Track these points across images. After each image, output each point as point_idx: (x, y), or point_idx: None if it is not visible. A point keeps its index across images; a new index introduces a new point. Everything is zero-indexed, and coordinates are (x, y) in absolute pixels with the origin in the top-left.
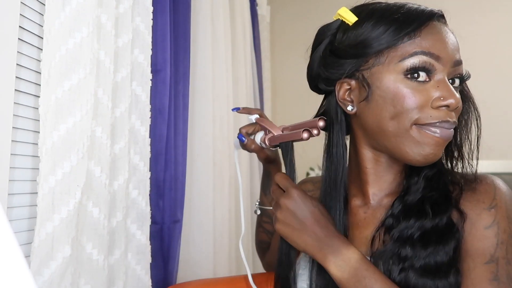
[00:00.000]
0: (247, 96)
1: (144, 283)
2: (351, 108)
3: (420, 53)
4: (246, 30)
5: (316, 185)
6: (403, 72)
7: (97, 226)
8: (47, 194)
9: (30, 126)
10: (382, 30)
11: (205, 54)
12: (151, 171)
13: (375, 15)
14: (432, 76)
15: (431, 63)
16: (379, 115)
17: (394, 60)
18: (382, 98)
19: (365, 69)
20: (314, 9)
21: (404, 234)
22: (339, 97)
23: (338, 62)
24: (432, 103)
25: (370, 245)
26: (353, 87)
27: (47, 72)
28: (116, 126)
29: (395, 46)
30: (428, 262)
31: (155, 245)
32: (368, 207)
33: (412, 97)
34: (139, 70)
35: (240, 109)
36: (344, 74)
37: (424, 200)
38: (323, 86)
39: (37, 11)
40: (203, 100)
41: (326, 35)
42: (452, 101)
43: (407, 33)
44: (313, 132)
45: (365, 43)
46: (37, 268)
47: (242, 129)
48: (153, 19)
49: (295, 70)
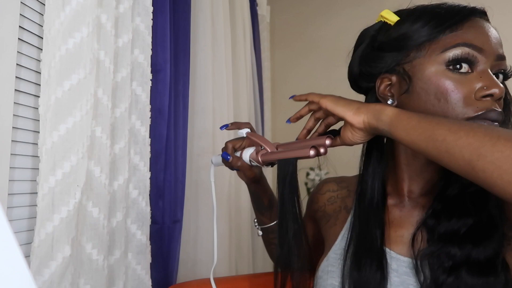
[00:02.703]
0: (247, 96)
1: (144, 283)
2: (391, 102)
3: (462, 44)
4: (246, 30)
5: (340, 185)
6: (445, 63)
7: (97, 226)
8: (47, 194)
9: (30, 126)
10: (423, 23)
11: (205, 54)
12: (151, 171)
13: (416, 12)
14: (475, 68)
15: (474, 55)
16: (421, 107)
17: (436, 52)
18: (424, 90)
19: (406, 62)
20: (314, 9)
21: (449, 232)
22: (379, 92)
23: (379, 55)
24: (475, 94)
25: (411, 244)
26: (393, 82)
27: (47, 72)
28: (116, 126)
29: (437, 39)
30: (478, 259)
31: (155, 245)
32: (404, 205)
33: (455, 90)
34: (139, 70)
35: (229, 126)
36: (385, 68)
37: (465, 196)
38: (364, 83)
39: (37, 11)
40: (203, 100)
41: (367, 36)
42: (496, 90)
43: (449, 26)
44: (320, 151)
45: (406, 35)
46: (37, 268)
47: (228, 143)
48: (153, 19)
49: (295, 70)
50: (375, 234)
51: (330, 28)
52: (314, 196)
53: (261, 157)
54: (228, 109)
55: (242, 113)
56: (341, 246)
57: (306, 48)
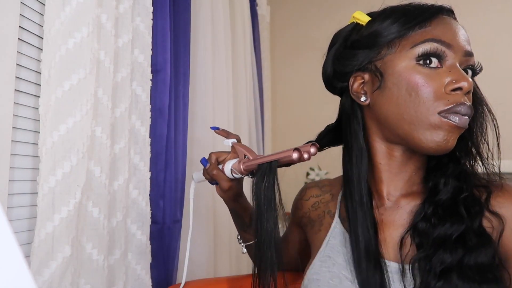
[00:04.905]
0: (247, 96)
1: (144, 283)
2: (364, 99)
3: (431, 40)
4: (246, 30)
5: (323, 189)
6: (415, 58)
7: (97, 226)
8: (47, 194)
9: (30, 126)
10: (393, 20)
11: (205, 54)
12: (151, 171)
13: (386, 11)
14: (444, 63)
15: (442, 50)
16: (394, 103)
17: (406, 48)
18: (395, 86)
19: (378, 59)
20: (314, 9)
21: (441, 237)
22: (352, 90)
23: (351, 53)
24: (445, 88)
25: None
26: (366, 80)
27: (47, 72)
28: (116, 126)
29: (406, 35)
30: (470, 265)
31: (155, 245)
32: (384, 208)
33: (425, 84)
34: (139, 70)
35: (219, 130)
36: (357, 66)
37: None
38: (338, 83)
39: (37, 11)
40: (203, 100)
41: (340, 36)
42: (465, 83)
43: (418, 23)
44: (303, 156)
45: (377, 32)
46: (37, 268)
47: (213, 154)
48: (153, 19)
49: (295, 70)
50: (367, 235)
51: (330, 28)
52: (298, 202)
53: (243, 165)
54: (228, 109)
55: (242, 113)
56: (326, 253)
57: (306, 48)
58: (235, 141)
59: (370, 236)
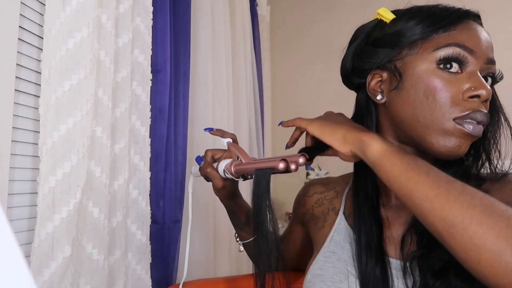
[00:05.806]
0: (247, 96)
1: (144, 283)
2: (380, 98)
3: (454, 44)
4: (246, 30)
5: (327, 187)
6: (436, 61)
7: (97, 226)
8: (47, 194)
9: (30, 126)
10: (417, 21)
11: (205, 54)
12: (151, 171)
13: (412, 11)
14: (464, 68)
15: (465, 55)
16: (410, 104)
17: (428, 50)
18: (413, 87)
19: (398, 59)
20: (314, 9)
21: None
22: (369, 88)
23: (372, 50)
24: (463, 94)
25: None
26: (384, 78)
27: (47, 72)
28: (116, 126)
29: (430, 38)
30: None
31: (155, 245)
32: (391, 206)
33: (443, 89)
34: (139, 70)
35: (214, 130)
36: (377, 64)
37: None
38: (355, 78)
39: (37, 11)
40: (203, 100)
41: (363, 32)
42: (483, 91)
43: (442, 26)
44: (290, 166)
45: (400, 32)
46: (37, 268)
47: (209, 151)
48: (153, 19)
49: (295, 70)
50: (370, 231)
51: (330, 28)
52: (301, 198)
53: (234, 167)
54: (228, 109)
55: (242, 113)
56: (330, 249)
57: (306, 48)
58: (230, 140)
59: (373, 232)
